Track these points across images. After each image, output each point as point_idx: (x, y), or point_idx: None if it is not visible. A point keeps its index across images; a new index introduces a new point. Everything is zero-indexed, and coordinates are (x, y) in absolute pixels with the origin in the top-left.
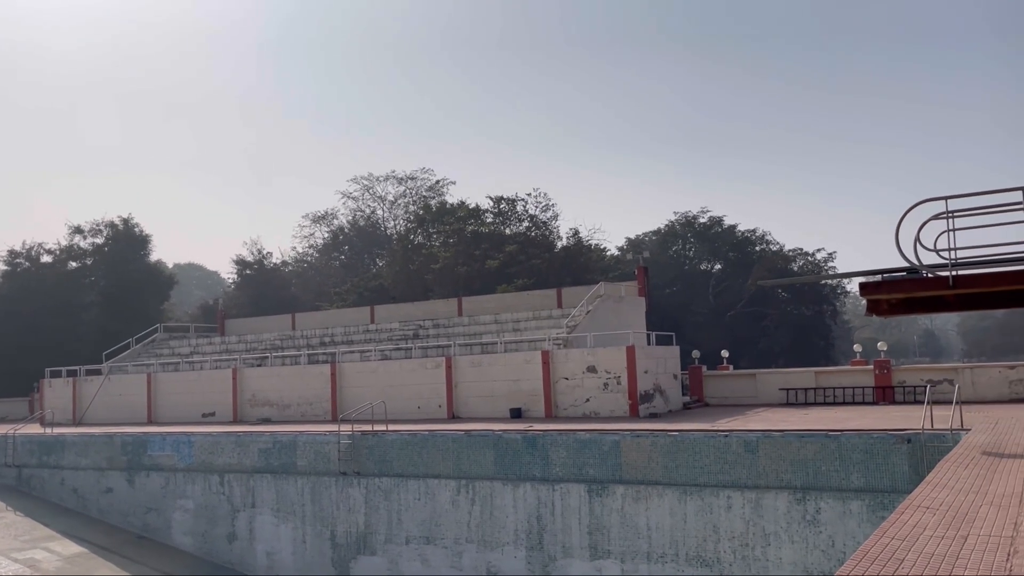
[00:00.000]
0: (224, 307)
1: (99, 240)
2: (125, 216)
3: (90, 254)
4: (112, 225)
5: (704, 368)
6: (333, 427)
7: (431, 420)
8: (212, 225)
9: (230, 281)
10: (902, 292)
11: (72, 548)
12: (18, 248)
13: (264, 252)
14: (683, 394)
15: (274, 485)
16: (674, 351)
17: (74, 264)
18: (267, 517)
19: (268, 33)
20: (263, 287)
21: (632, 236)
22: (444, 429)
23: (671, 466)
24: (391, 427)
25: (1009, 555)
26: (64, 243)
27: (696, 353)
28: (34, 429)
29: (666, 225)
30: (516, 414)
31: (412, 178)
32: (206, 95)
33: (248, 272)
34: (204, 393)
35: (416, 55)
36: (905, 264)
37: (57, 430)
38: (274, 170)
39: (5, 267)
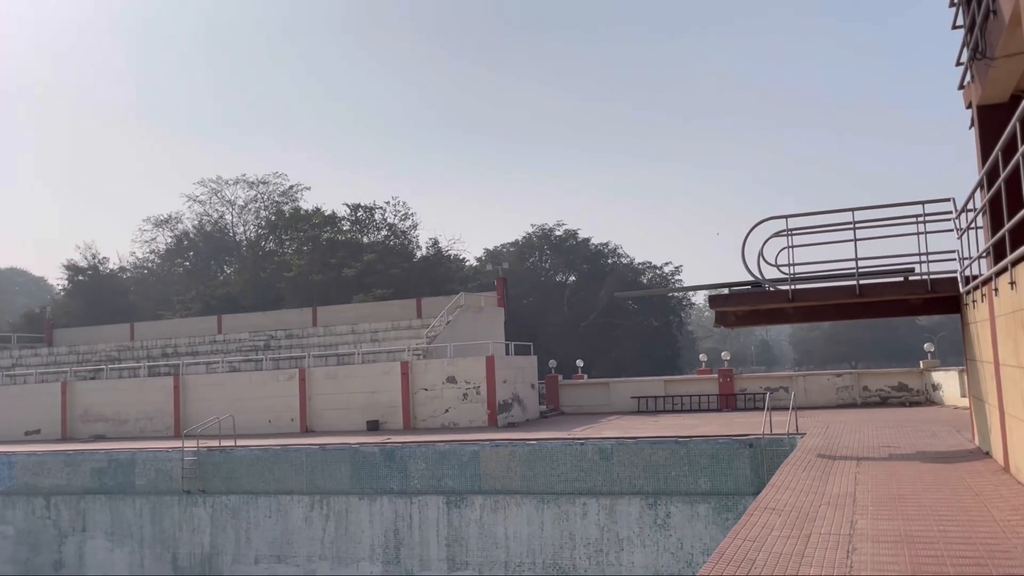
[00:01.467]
0: (52, 315)
1: None
2: None
3: None
4: None
5: (560, 377)
6: (176, 443)
7: (284, 434)
8: (39, 228)
9: (59, 288)
10: (748, 305)
11: None
12: None
13: (99, 257)
14: (540, 403)
15: (108, 506)
16: (532, 361)
17: None
18: (100, 541)
19: (104, 23)
20: (98, 294)
21: (491, 247)
22: (297, 443)
23: (529, 475)
24: (240, 442)
25: (848, 552)
26: None
27: (553, 363)
28: None
29: (524, 237)
30: (373, 426)
31: (264, 182)
32: (37, 88)
33: (81, 278)
34: (27, 409)
35: (266, 54)
36: (750, 278)
37: None
38: (111, 171)
39: None
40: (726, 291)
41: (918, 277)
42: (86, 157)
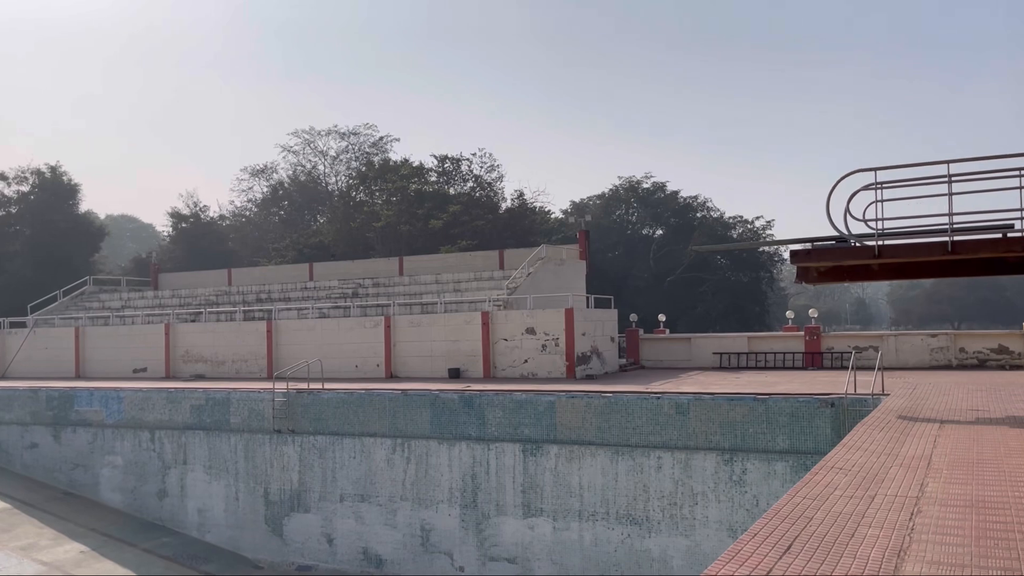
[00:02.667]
0: (158, 261)
1: (24, 188)
2: (53, 164)
3: (15, 202)
4: (39, 173)
5: (641, 331)
6: (268, 384)
7: (369, 379)
8: (149, 177)
9: (165, 234)
10: (830, 260)
11: None
12: None
13: (201, 205)
14: (620, 357)
15: (207, 442)
16: (612, 314)
17: None
18: (199, 474)
19: None
20: (199, 241)
21: (576, 199)
22: (381, 388)
23: (604, 427)
24: (327, 385)
25: (912, 514)
26: None
27: (634, 317)
28: None
29: (610, 189)
30: (455, 374)
31: (355, 133)
32: (144, 44)
33: (184, 225)
34: (135, 348)
35: (360, 8)
36: (835, 233)
37: None
38: (212, 122)
39: None
40: (809, 246)
41: (1018, 234)
42: (188, 107)
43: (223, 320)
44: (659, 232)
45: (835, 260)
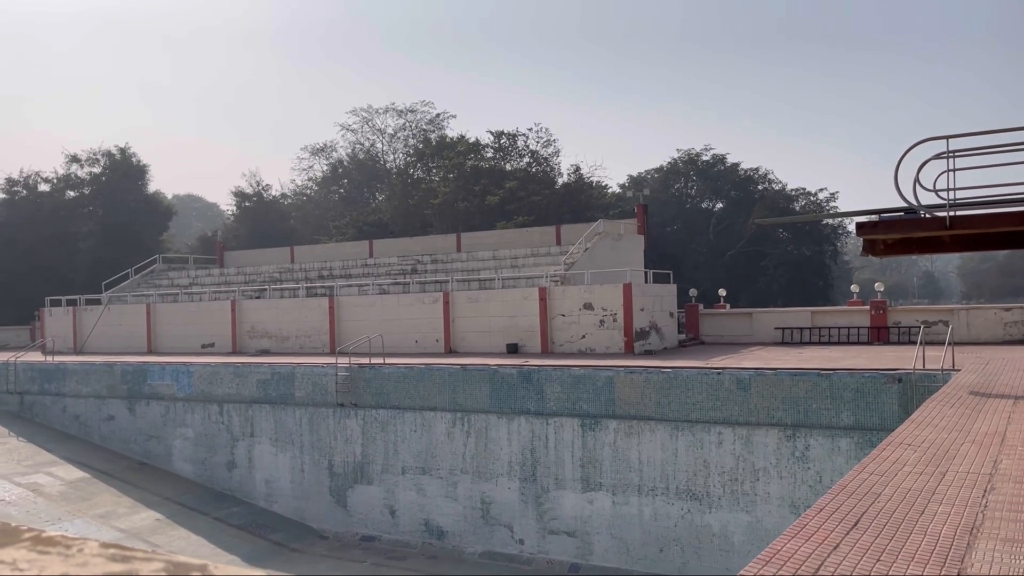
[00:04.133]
0: (223, 239)
1: (96, 169)
2: (122, 146)
3: (87, 183)
4: (109, 154)
5: (701, 306)
6: (331, 359)
7: (428, 354)
8: (212, 157)
9: (229, 213)
10: (898, 232)
11: (75, 473)
12: (15, 176)
13: (263, 184)
14: (679, 332)
15: (272, 415)
16: (671, 289)
17: (72, 193)
18: (266, 446)
19: None
20: (262, 219)
21: (634, 173)
22: (441, 363)
23: (663, 402)
24: (388, 360)
25: (985, 491)
26: (61, 172)
27: (693, 291)
28: (35, 357)
29: (668, 162)
30: (512, 349)
31: (412, 111)
32: (203, 26)
33: (247, 204)
34: (203, 324)
35: None
36: (903, 204)
37: (58, 358)
38: (273, 102)
39: (3, 195)
40: (875, 218)
41: None
42: (248, 86)
43: (286, 297)
44: (719, 205)
45: (903, 232)
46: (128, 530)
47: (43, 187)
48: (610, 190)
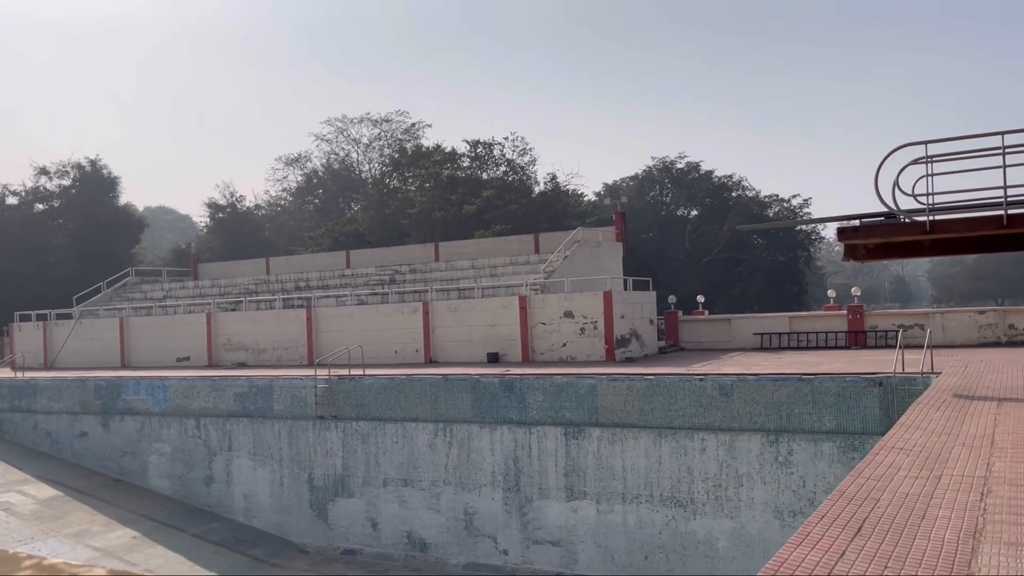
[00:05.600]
0: (197, 251)
1: (66, 182)
2: (92, 157)
3: (57, 196)
4: (79, 167)
5: (680, 313)
6: (309, 371)
7: (409, 364)
8: (183, 168)
9: (202, 225)
10: (879, 237)
11: (47, 491)
12: None
13: (237, 195)
14: (659, 339)
15: (251, 429)
16: (650, 296)
17: (41, 206)
18: (244, 460)
19: None
20: (236, 231)
21: (610, 182)
22: (422, 373)
23: (646, 409)
24: (368, 371)
25: (983, 495)
26: (30, 184)
27: (672, 298)
28: (4, 373)
29: (644, 170)
30: (493, 358)
31: (387, 120)
32: (174, 36)
33: (221, 216)
34: (178, 338)
35: None
36: (883, 209)
37: (28, 374)
38: (246, 112)
39: None
40: (856, 223)
41: None
42: (219, 97)
43: (263, 308)
44: (694, 212)
45: (885, 236)
46: (104, 548)
47: (11, 200)
48: (586, 198)
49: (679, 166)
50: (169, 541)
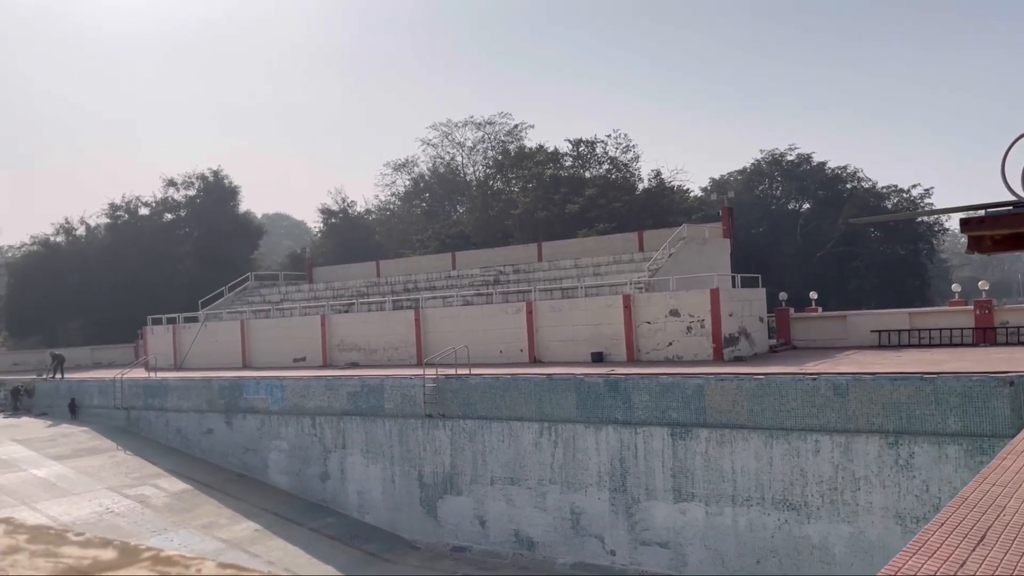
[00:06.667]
0: (311, 255)
1: (191, 192)
2: (215, 168)
3: (183, 206)
4: (203, 177)
5: (792, 310)
6: (418, 371)
7: (513, 364)
8: (298, 176)
9: (316, 230)
10: (1007, 227)
11: (178, 485)
12: (118, 201)
13: (348, 201)
14: (769, 337)
15: (363, 427)
16: (760, 293)
17: (169, 216)
18: (357, 458)
19: None
20: (348, 235)
21: (716, 176)
22: (526, 373)
23: (756, 410)
24: (474, 371)
25: None
26: (159, 196)
27: (783, 295)
28: (139, 373)
29: (752, 164)
30: (598, 358)
31: (490, 123)
32: (285, 50)
33: (333, 221)
34: (295, 339)
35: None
36: (1011, 198)
37: (160, 374)
38: (354, 119)
39: (107, 220)
40: (981, 213)
41: None
42: (328, 106)
43: (373, 310)
44: (806, 206)
45: (1013, 227)
46: (229, 540)
47: (143, 211)
48: (692, 194)
49: (789, 158)
50: (288, 534)
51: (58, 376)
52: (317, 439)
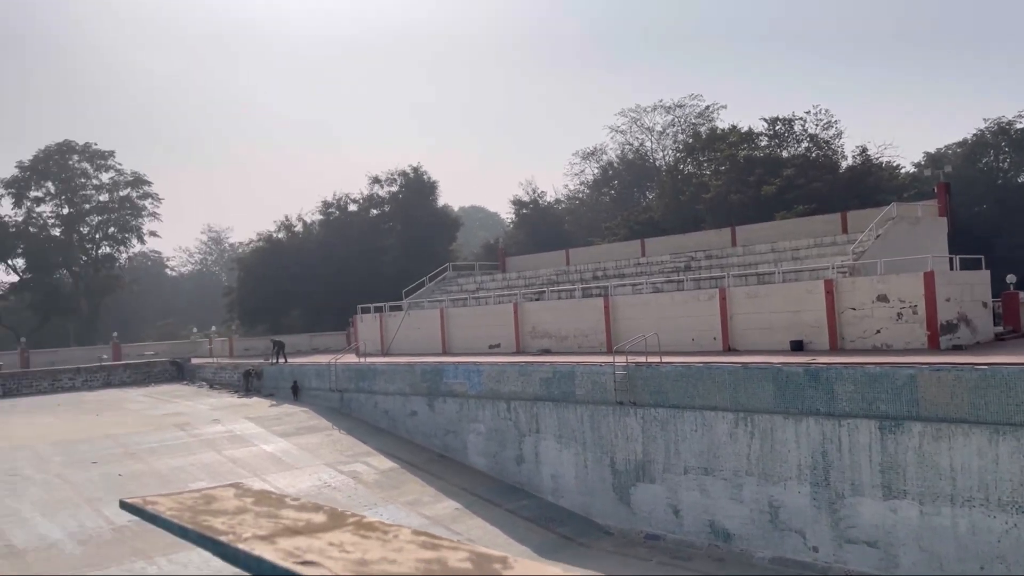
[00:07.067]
0: (504, 245)
1: (394, 188)
2: (415, 165)
3: (387, 201)
4: (404, 174)
5: (1021, 295)
6: (608, 358)
7: (706, 352)
8: (490, 169)
9: (509, 221)
10: None
11: (386, 463)
12: (329, 199)
13: (538, 192)
14: (995, 324)
15: (555, 412)
16: (983, 276)
17: (375, 211)
18: (550, 442)
19: None
20: (538, 225)
21: (931, 150)
22: (720, 361)
23: (979, 403)
24: (665, 359)
25: None
26: (365, 192)
27: (1011, 278)
28: (351, 358)
29: (974, 134)
30: (797, 346)
31: (680, 106)
32: (461, 42)
33: (524, 211)
34: (489, 326)
35: None
36: None
37: (369, 359)
38: (542, 110)
39: (320, 216)
40: None
41: None
42: (515, 98)
43: (563, 298)
44: None
45: None
46: (432, 517)
47: (352, 207)
48: (903, 170)
49: (1019, 126)
50: (486, 514)
51: (281, 360)
52: (512, 423)
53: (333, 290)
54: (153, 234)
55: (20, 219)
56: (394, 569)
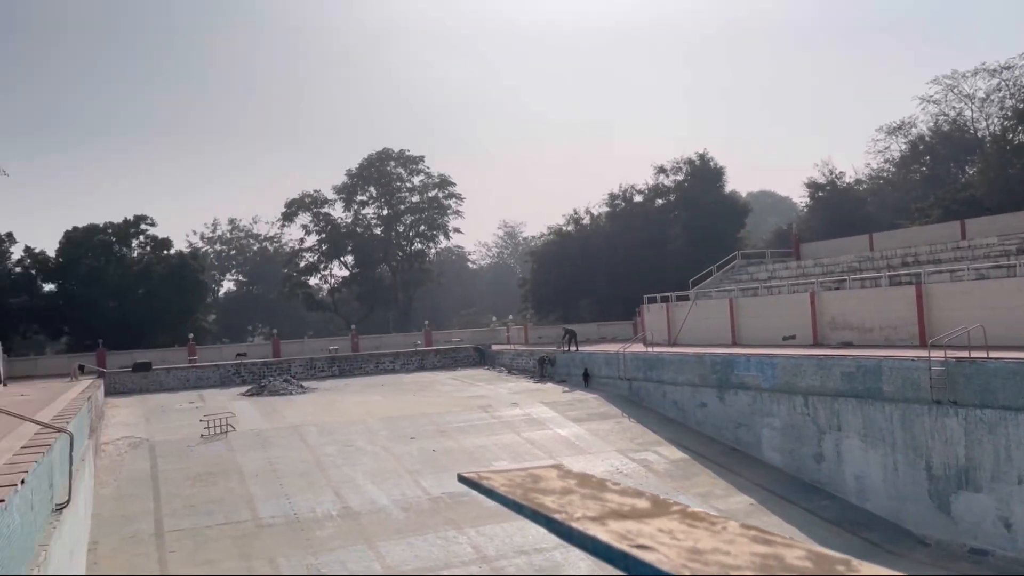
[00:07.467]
0: (798, 231)
1: (679, 177)
2: (701, 152)
3: (672, 190)
4: (690, 162)
5: None
6: (920, 352)
7: None
8: (781, 151)
9: (802, 205)
10: None
11: (676, 454)
12: (615, 191)
13: (836, 172)
14: None
15: (859, 410)
16: None
17: (660, 201)
18: (854, 441)
19: None
20: (836, 209)
21: None
22: None
23: None
24: (993, 354)
25: None
26: (651, 183)
27: None
28: (638, 348)
29: None
30: None
31: (1008, 67)
32: (752, 27)
33: (820, 194)
34: (783, 316)
35: None
36: None
37: (656, 349)
38: (839, 87)
39: (607, 208)
40: None
41: None
42: (801, 77)
43: (867, 286)
44: None
45: None
46: (725, 511)
47: (637, 198)
48: None
49: None
50: (782, 512)
51: (572, 348)
52: (810, 419)
53: (619, 280)
54: (457, 231)
55: (350, 220)
56: (729, 560)
